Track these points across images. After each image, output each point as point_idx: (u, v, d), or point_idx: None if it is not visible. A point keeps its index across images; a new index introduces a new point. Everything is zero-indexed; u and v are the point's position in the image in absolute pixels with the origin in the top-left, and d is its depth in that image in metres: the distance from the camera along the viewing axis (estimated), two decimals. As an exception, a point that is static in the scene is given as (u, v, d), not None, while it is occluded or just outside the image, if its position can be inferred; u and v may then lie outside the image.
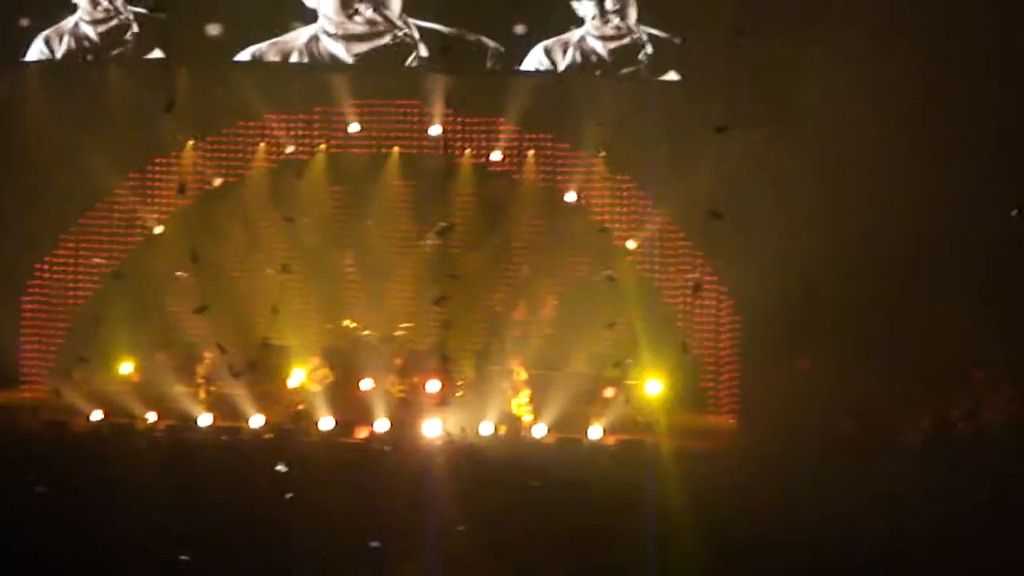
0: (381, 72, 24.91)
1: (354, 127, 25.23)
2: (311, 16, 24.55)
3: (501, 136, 24.95)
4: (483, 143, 25.18)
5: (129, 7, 24.50)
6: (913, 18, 22.22)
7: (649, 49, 24.05)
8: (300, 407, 22.71)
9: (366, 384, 23.02)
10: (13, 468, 17.06)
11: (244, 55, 24.63)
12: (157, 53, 24.54)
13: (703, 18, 23.27)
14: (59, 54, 24.72)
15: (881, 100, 22.18)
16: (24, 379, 24.71)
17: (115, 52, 24.71)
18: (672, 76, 24.09)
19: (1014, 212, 19.75)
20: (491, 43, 24.31)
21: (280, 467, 18.04)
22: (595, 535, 15.23)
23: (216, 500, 16.19)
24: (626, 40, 24.24)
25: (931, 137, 22.15)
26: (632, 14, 24.19)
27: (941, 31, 22.22)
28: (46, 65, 24.80)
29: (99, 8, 24.56)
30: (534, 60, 24.36)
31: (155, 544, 14.60)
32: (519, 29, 24.35)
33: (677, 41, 23.93)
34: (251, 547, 14.78)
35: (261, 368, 22.32)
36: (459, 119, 25.11)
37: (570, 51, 24.31)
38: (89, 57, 24.70)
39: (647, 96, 23.57)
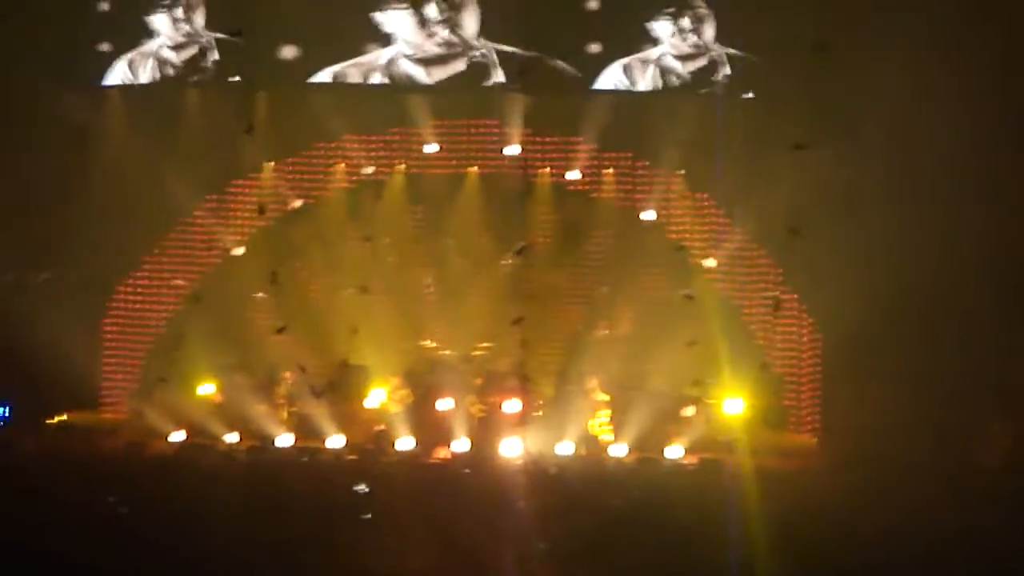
0: (459, 92, 24.95)
1: (432, 147, 25.28)
2: (387, 38, 24.64)
3: (579, 155, 24.93)
4: (561, 162, 25.15)
5: (208, 32, 24.70)
6: (985, 31, 22.02)
7: (728, 69, 23.98)
8: (380, 427, 22.73)
9: (445, 404, 23.00)
10: (95, 489, 17.16)
11: (324, 76, 24.73)
12: (236, 77, 24.74)
13: (779, 36, 23.22)
14: (142, 78, 24.94)
15: (958, 118, 21.95)
16: (105, 400, 24.88)
17: (195, 76, 24.91)
18: (749, 94, 24.02)
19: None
20: (567, 67, 24.33)
21: (360, 487, 18.08)
22: (677, 555, 15.13)
23: (296, 520, 16.21)
24: (703, 59, 24.19)
25: (1013, 156, 21.95)
26: (709, 33, 24.14)
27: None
28: (128, 89, 25.03)
29: (180, 32, 24.77)
30: (612, 78, 24.33)
31: (236, 566, 14.63)
32: (594, 48, 24.33)
33: (754, 59, 23.86)
34: (331, 568, 14.80)
35: (341, 388, 22.39)
36: (537, 138, 25.10)
37: (650, 69, 24.27)
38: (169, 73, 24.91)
39: (725, 114, 23.46)
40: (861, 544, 15.20)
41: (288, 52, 24.72)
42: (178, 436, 22.48)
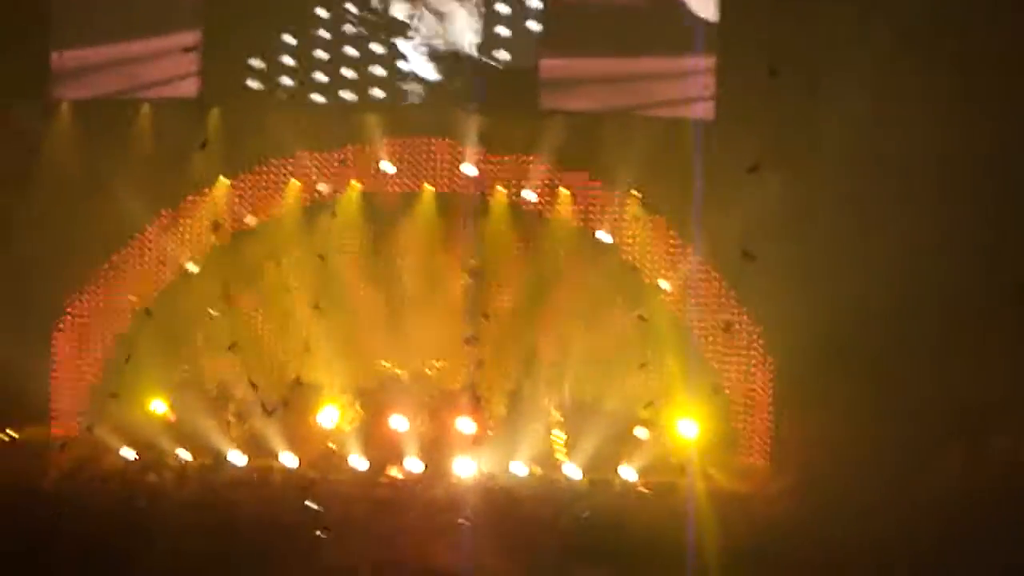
0: (413, 110, 24.94)
1: (388, 166, 25.26)
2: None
3: (534, 174, 24.95)
4: (516, 182, 25.17)
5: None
6: (944, 43, 22.11)
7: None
8: (332, 446, 22.68)
9: (398, 423, 22.95)
10: (42, 506, 17.05)
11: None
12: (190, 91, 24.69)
13: (735, 57, 23.33)
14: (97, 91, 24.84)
15: (910, 136, 22.04)
16: (54, 416, 24.72)
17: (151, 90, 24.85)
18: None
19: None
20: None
21: (311, 504, 18.03)
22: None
23: (247, 538, 16.16)
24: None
25: (963, 173, 22.03)
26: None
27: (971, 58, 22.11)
28: (81, 103, 24.91)
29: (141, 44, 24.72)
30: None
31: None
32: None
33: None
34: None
35: (293, 406, 22.33)
36: (492, 157, 25.11)
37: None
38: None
39: (681, 135, 23.51)
40: (811, 568, 15.25)
41: (247, 68, 24.70)
42: (129, 453, 22.34)
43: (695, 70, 23.84)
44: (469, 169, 24.92)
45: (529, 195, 25.06)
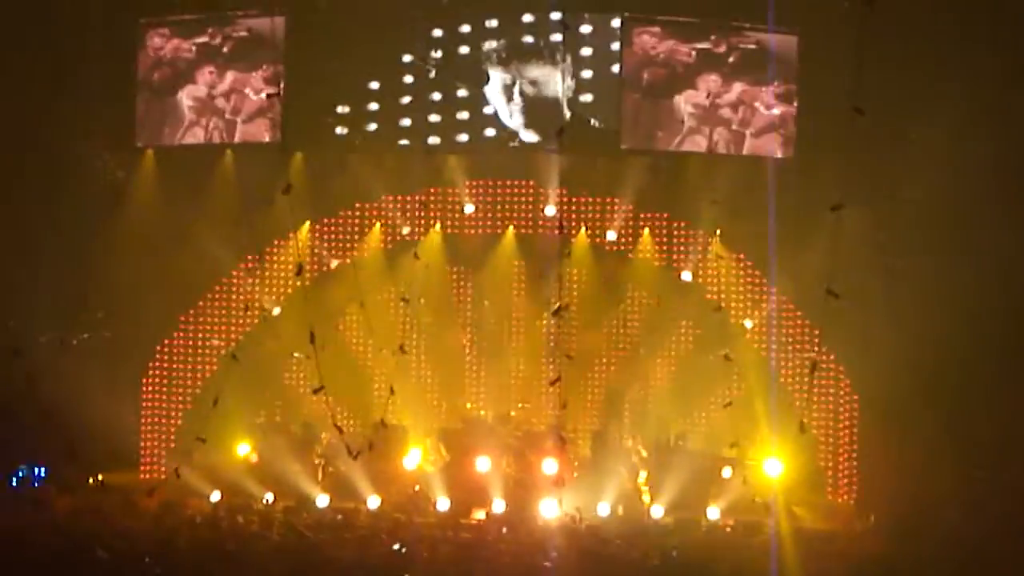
0: (494, 152, 25.04)
1: (469, 207, 25.38)
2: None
3: (616, 215, 24.98)
4: (598, 222, 25.20)
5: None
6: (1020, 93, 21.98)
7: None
8: (417, 488, 22.71)
9: (482, 465, 22.95)
10: (131, 549, 17.16)
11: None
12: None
13: (817, 96, 23.29)
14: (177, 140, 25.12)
15: (996, 177, 21.88)
16: (143, 460, 24.94)
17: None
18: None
19: None
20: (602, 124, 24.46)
21: (397, 547, 18.05)
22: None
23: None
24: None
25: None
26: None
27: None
28: (165, 150, 25.18)
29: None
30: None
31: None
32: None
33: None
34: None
35: (378, 448, 22.38)
36: (573, 198, 25.17)
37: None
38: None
39: (762, 174, 23.45)
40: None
41: (328, 114, 24.94)
42: (215, 496, 22.47)
43: (776, 108, 23.85)
44: (551, 210, 24.96)
45: (611, 236, 25.09)
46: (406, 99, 24.96)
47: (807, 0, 22.68)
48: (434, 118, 24.91)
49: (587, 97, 24.56)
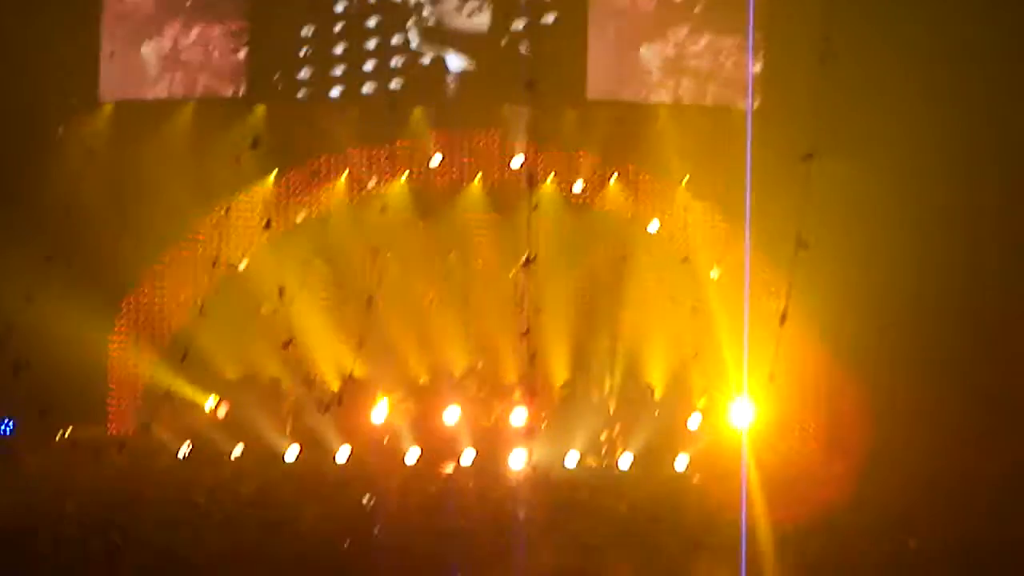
0: (461, 104, 24.94)
1: (436, 159, 25.29)
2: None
3: (582, 166, 24.92)
4: (564, 174, 25.14)
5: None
6: (991, 34, 21.95)
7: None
8: (386, 440, 22.71)
9: (451, 416, 22.95)
10: (99, 505, 17.13)
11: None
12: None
13: (785, 45, 23.23)
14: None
15: (971, 126, 21.91)
16: (111, 415, 24.87)
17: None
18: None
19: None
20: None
21: (366, 500, 18.06)
22: (682, 563, 15.15)
23: (303, 535, 16.19)
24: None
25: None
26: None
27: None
28: (130, 104, 25.04)
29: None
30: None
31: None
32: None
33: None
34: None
35: (347, 401, 22.34)
36: (540, 150, 25.10)
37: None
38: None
39: (730, 124, 23.40)
40: (864, 554, 15.22)
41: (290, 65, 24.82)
42: (184, 450, 22.43)
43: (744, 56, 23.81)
44: (518, 161, 24.90)
45: (578, 187, 25.04)
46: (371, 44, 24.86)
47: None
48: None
49: (553, 47, 24.47)
